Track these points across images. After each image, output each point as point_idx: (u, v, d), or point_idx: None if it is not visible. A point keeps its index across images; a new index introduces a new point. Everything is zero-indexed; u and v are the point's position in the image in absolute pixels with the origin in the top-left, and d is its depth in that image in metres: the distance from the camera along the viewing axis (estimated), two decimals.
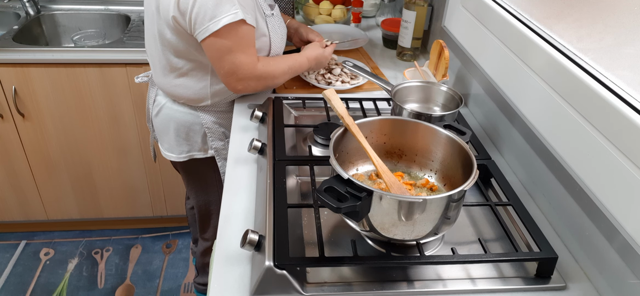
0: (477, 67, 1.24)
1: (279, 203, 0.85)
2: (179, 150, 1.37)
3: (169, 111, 1.32)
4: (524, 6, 1.08)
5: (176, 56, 1.19)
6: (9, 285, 1.97)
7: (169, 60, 1.21)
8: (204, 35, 1.07)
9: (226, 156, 1.36)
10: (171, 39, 1.16)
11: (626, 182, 0.72)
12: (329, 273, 0.78)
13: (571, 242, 0.86)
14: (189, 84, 1.23)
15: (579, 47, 0.89)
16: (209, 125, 1.31)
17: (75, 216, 2.13)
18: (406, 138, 0.92)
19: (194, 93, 1.25)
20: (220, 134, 1.34)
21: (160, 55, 1.22)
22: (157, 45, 1.21)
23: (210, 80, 1.23)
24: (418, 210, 0.71)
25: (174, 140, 1.35)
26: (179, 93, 1.26)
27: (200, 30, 1.07)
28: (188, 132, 1.33)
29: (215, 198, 1.48)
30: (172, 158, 1.39)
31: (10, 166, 1.93)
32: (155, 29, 1.18)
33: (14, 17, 2.03)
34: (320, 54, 1.31)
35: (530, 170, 1.00)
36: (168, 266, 2.09)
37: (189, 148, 1.36)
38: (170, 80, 1.25)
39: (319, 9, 1.87)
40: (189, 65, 1.20)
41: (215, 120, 1.31)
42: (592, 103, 0.81)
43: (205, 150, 1.36)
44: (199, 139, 1.34)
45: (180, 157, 1.37)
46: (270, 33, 1.23)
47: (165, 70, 1.23)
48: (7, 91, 1.74)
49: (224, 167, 1.38)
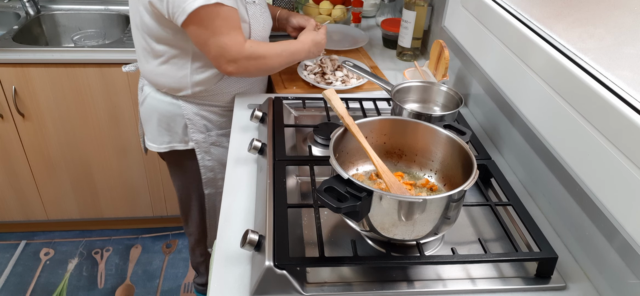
0: (477, 67, 1.24)
1: (279, 203, 0.85)
2: (160, 141, 1.36)
3: (152, 101, 1.32)
4: (524, 6, 1.08)
5: (157, 42, 1.19)
6: (9, 285, 1.97)
7: (150, 46, 1.21)
8: (182, 18, 1.07)
9: (207, 149, 1.36)
10: (150, 25, 1.16)
11: (626, 182, 0.72)
12: (329, 273, 0.78)
13: (571, 242, 0.86)
14: (170, 72, 1.23)
15: (579, 47, 0.89)
16: (190, 116, 1.30)
17: (75, 216, 2.13)
18: (406, 138, 0.92)
19: (175, 81, 1.24)
20: (201, 126, 1.33)
21: (142, 42, 1.22)
22: (139, 32, 1.22)
23: (190, 68, 1.22)
24: (418, 210, 0.71)
25: (156, 130, 1.35)
26: (161, 82, 1.26)
27: (178, 13, 1.07)
28: (169, 122, 1.32)
29: (195, 191, 1.47)
30: (154, 149, 1.39)
31: (10, 166, 1.93)
32: (137, 16, 1.19)
33: (14, 17, 2.03)
34: (314, 36, 1.29)
35: (530, 170, 1.00)
36: (168, 266, 2.09)
37: (170, 139, 1.36)
38: (152, 68, 1.25)
39: (319, 9, 1.87)
40: (171, 52, 1.20)
41: (196, 111, 1.30)
42: (592, 103, 0.81)
43: (186, 141, 1.35)
44: (180, 130, 1.33)
45: (161, 147, 1.37)
46: (250, 19, 1.21)
47: (148, 57, 1.24)
48: (7, 91, 1.74)
49: (203, 159, 1.37)
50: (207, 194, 1.44)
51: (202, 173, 1.39)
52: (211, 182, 1.42)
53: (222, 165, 1.40)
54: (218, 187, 1.44)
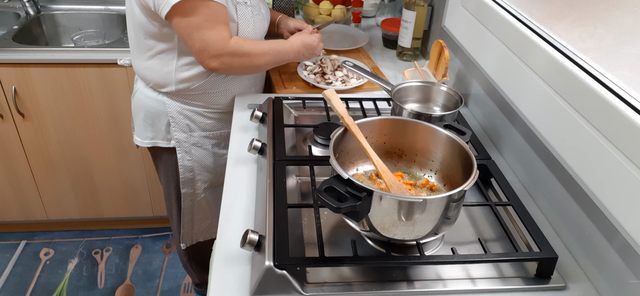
0: (477, 67, 1.24)
1: (279, 203, 0.85)
2: (144, 135, 1.37)
3: (140, 95, 1.32)
4: (524, 6, 1.08)
5: (145, 36, 1.20)
6: (9, 285, 1.97)
7: (139, 40, 1.22)
8: (167, 10, 1.07)
9: (188, 149, 1.36)
10: (140, 18, 1.17)
11: (626, 182, 0.72)
12: (329, 273, 0.78)
13: (571, 242, 0.86)
14: (156, 67, 1.23)
15: (579, 47, 0.89)
16: (173, 115, 1.30)
17: (75, 216, 2.13)
18: (406, 138, 0.92)
19: (160, 76, 1.24)
20: (183, 126, 1.32)
21: (133, 35, 1.23)
22: (131, 26, 1.22)
23: (175, 65, 1.22)
24: (418, 210, 0.71)
25: (142, 124, 1.35)
26: (148, 76, 1.26)
27: (162, 5, 1.07)
28: (154, 118, 1.32)
29: (175, 189, 1.46)
30: (139, 143, 1.39)
31: (10, 166, 1.93)
32: (129, 9, 1.20)
33: (14, 17, 2.03)
34: (306, 38, 1.28)
35: (530, 170, 1.00)
36: (168, 267, 2.09)
37: (154, 135, 1.36)
38: (141, 62, 1.25)
39: (319, 9, 1.87)
40: (158, 46, 1.20)
41: (180, 110, 1.30)
42: (592, 103, 0.81)
43: (169, 139, 1.35)
44: (162, 127, 1.33)
45: (145, 142, 1.37)
46: (239, 20, 1.19)
47: (138, 50, 1.24)
48: (7, 91, 1.74)
49: (183, 159, 1.36)
50: (183, 193, 1.43)
51: (180, 172, 1.38)
52: (189, 182, 1.41)
53: (202, 167, 1.40)
54: (196, 187, 1.43)
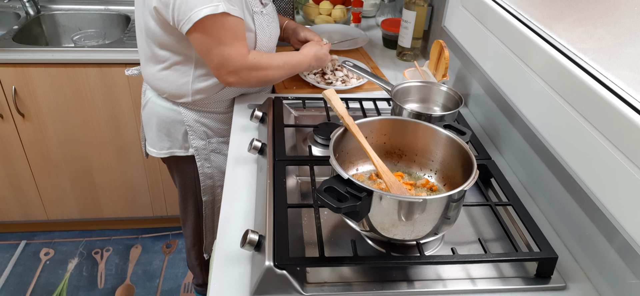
0: (477, 67, 1.24)
1: (279, 203, 0.85)
2: (160, 146, 1.36)
3: (152, 105, 1.31)
4: (524, 6, 1.08)
5: (160, 48, 1.19)
6: (9, 285, 1.97)
7: (153, 51, 1.21)
8: (188, 26, 1.07)
9: (207, 156, 1.35)
10: (155, 30, 1.16)
11: (626, 182, 0.72)
12: (329, 273, 0.78)
13: (571, 242, 0.86)
14: (171, 78, 1.23)
15: (579, 47, 0.89)
16: (190, 123, 1.30)
17: (75, 216, 2.13)
18: (406, 138, 0.92)
19: (176, 88, 1.24)
20: (201, 133, 1.32)
21: (145, 46, 1.22)
22: (143, 36, 1.21)
23: (192, 76, 1.22)
24: (418, 210, 0.71)
25: (156, 135, 1.35)
26: (162, 87, 1.25)
27: (183, 21, 1.07)
28: (169, 128, 1.32)
29: (193, 196, 1.46)
30: (154, 154, 1.38)
31: (10, 166, 1.93)
32: (142, 19, 1.18)
33: (14, 17, 2.03)
34: (318, 50, 1.30)
35: (530, 170, 1.00)
36: (168, 266, 2.09)
37: (170, 145, 1.35)
38: (154, 73, 1.24)
39: (319, 9, 1.87)
40: (173, 58, 1.20)
41: (197, 118, 1.30)
42: (592, 103, 0.81)
43: (186, 148, 1.35)
44: (180, 136, 1.33)
45: (161, 153, 1.37)
46: (257, 29, 1.20)
47: (150, 62, 1.24)
48: (7, 91, 1.74)
49: (203, 167, 1.36)
50: (204, 201, 1.44)
51: (201, 180, 1.38)
52: (209, 190, 1.42)
53: (221, 173, 1.40)
54: (216, 194, 1.43)
